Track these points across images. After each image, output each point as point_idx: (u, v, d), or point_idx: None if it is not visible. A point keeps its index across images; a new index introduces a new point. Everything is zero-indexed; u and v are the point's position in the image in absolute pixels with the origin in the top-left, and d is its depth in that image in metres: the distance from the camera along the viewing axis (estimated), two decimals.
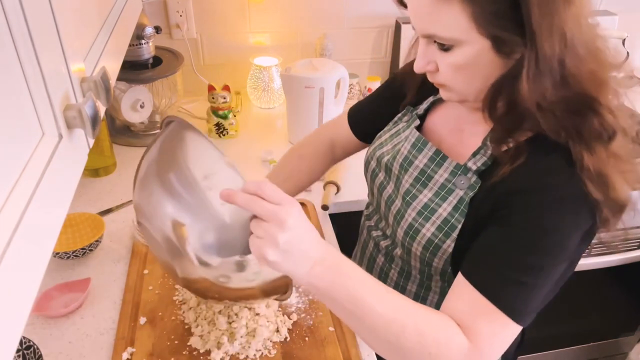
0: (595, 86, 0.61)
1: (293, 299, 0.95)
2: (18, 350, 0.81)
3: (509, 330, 0.64)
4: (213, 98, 1.54)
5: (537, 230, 0.62)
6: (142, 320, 0.90)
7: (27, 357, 0.81)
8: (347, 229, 1.08)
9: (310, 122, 1.42)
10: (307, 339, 0.87)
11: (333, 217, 1.20)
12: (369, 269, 0.92)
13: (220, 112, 1.53)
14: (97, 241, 1.06)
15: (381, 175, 0.85)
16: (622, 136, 0.63)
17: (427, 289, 0.82)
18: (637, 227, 1.41)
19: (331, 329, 0.89)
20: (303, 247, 0.60)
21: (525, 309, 0.64)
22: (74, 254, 1.03)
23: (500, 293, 0.63)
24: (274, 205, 0.58)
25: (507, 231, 0.64)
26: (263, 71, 1.62)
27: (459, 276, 0.67)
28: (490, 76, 0.64)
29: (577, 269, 1.16)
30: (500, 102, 0.64)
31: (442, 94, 0.72)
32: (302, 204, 1.20)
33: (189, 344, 0.85)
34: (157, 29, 1.43)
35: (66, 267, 1.03)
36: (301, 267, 0.60)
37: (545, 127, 0.62)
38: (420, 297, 0.83)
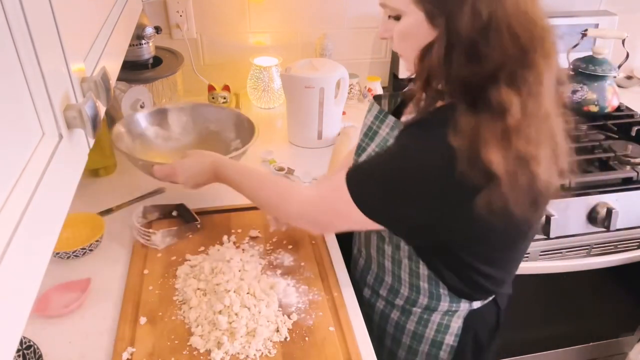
0: (507, 67, 0.66)
1: (293, 299, 0.95)
2: (18, 350, 0.81)
3: (346, 203, 0.76)
4: (213, 98, 1.54)
5: (402, 155, 0.73)
6: (142, 320, 0.90)
7: (27, 357, 0.81)
8: None
9: (310, 122, 1.42)
10: (307, 339, 0.87)
11: None
12: (366, 248, 0.98)
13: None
14: (97, 241, 1.06)
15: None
16: (537, 118, 0.67)
17: (416, 262, 0.87)
18: (637, 227, 1.41)
19: (331, 329, 0.89)
20: (194, 172, 1.00)
21: (363, 193, 0.76)
22: (74, 254, 1.03)
23: (351, 174, 0.77)
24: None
25: (384, 153, 0.79)
26: (263, 71, 1.62)
27: None
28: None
29: (577, 269, 1.19)
30: (424, 66, 0.73)
31: (406, 67, 0.80)
32: None
33: (189, 343, 0.85)
34: (157, 29, 1.43)
35: (66, 267, 1.03)
36: (200, 181, 1.00)
37: (445, 88, 0.71)
38: (412, 270, 0.88)
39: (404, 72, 1.70)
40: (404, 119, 0.83)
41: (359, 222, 0.77)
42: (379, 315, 1.00)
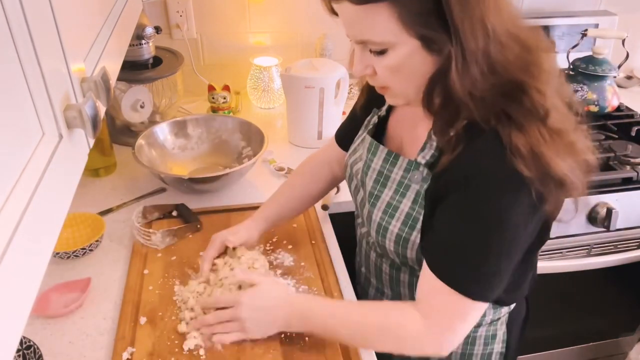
0: (522, 69, 0.65)
1: None
2: (18, 350, 0.81)
3: (463, 305, 0.70)
4: (213, 98, 1.54)
5: (478, 212, 0.67)
6: (142, 320, 0.90)
7: (27, 357, 0.81)
8: (347, 229, 1.08)
9: (310, 122, 1.42)
10: (307, 339, 0.87)
11: (333, 217, 1.20)
12: (366, 265, 0.96)
13: (220, 112, 1.53)
14: (97, 241, 1.06)
15: (355, 181, 0.90)
16: (557, 113, 0.66)
17: (417, 277, 0.84)
18: (637, 227, 1.41)
19: None
20: (267, 320, 0.83)
21: (476, 284, 0.69)
22: (74, 254, 1.03)
23: (449, 271, 0.70)
24: (227, 311, 0.84)
25: (453, 216, 0.70)
26: (263, 71, 1.62)
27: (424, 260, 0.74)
28: (425, 74, 0.67)
29: (577, 269, 1.18)
30: (436, 96, 0.68)
31: (387, 99, 0.77)
32: None
33: (184, 346, 0.85)
34: (157, 29, 1.43)
35: (66, 267, 1.03)
36: (273, 329, 0.83)
37: (477, 115, 0.66)
38: (414, 285, 0.85)
39: None
40: (420, 158, 0.75)
41: (482, 307, 0.72)
42: None
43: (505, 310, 0.87)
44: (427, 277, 0.72)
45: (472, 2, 0.61)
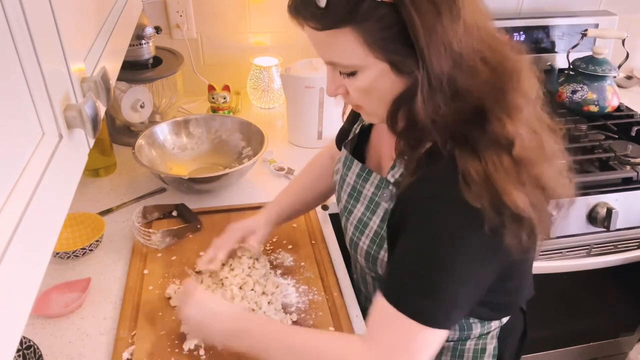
0: (490, 95, 0.63)
1: (293, 299, 0.95)
2: (18, 350, 0.81)
3: (415, 333, 0.64)
4: (213, 98, 1.54)
5: (430, 236, 0.64)
6: (142, 320, 0.90)
7: (27, 357, 0.81)
8: None
9: (310, 122, 1.42)
10: None
11: (333, 217, 1.20)
12: (356, 272, 0.96)
13: (220, 112, 1.53)
14: (97, 241, 1.06)
15: (337, 190, 0.89)
16: (524, 141, 0.63)
17: None
18: (637, 227, 1.41)
19: (331, 329, 0.89)
20: (211, 329, 0.77)
21: (435, 312, 0.64)
22: (74, 254, 1.03)
23: (405, 299, 0.65)
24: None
25: (407, 240, 0.67)
26: (263, 71, 1.62)
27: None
28: (397, 95, 0.66)
29: (577, 269, 1.18)
30: (400, 118, 0.67)
31: (364, 117, 0.75)
32: None
33: (184, 346, 0.85)
34: (157, 29, 1.43)
35: (66, 267, 1.03)
36: (215, 337, 0.78)
37: (438, 139, 0.64)
38: None
39: None
40: (390, 176, 0.74)
41: (440, 337, 0.66)
42: None
43: (495, 324, 0.84)
44: (379, 308, 0.67)
45: (437, 27, 0.58)
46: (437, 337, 0.65)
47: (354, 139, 0.87)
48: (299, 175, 1.09)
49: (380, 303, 0.67)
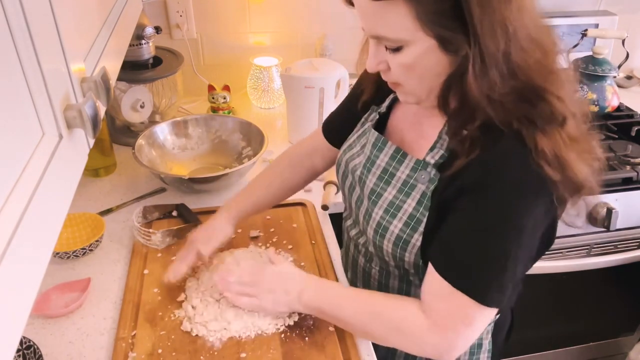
0: (542, 75, 0.64)
1: None
2: (18, 350, 0.81)
3: (472, 310, 0.68)
4: (213, 98, 1.54)
5: (495, 215, 0.66)
6: (142, 320, 0.90)
7: (27, 357, 0.81)
8: None
9: (310, 122, 1.42)
10: (307, 339, 0.87)
11: (333, 217, 1.20)
12: (353, 271, 0.94)
13: (220, 112, 1.53)
14: (97, 241, 1.06)
15: (350, 178, 0.87)
16: (574, 119, 0.65)
17: (408, 284, 0.83)
18: (637, 227, 1.41)
19: (331, 329, 0.89)
20: (282, 288, 0.84)
21: (493, 291, 0.67)
22: (74, 254, 1.03)
23: (461, 275, 0.68)
24: (250, 273, 0.88)
25: (466, 218, 0.68)
26: (263, 71, 1.62)
27: (429, 263, 0.72)
28: (440, 74, 0.66)
29: (577, 269, 1.18)
30: (452, 97, 0.67)
31: (399, 96, 0.75)
32: (302, 204, 1.20)
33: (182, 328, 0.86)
34: (157, 29, 1.43)
35: (66, 267, 1.03)
36: (285, 300, 0.84)
37: (496, 118, 0.64)
38: (403, 291, 0.85)
39: None
40: (429, 158, 0.73)
41: (493, 312, 0.70)
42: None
43: (491, 320, 0.86)
44: (434, 283, 0.70)
45: (493, 3, 0.58)
46: (490, 313, 0.69)
47: (376, 123, 0.85)
48: (268, 171, 1.06)
49: (437, 280, 0.69)
